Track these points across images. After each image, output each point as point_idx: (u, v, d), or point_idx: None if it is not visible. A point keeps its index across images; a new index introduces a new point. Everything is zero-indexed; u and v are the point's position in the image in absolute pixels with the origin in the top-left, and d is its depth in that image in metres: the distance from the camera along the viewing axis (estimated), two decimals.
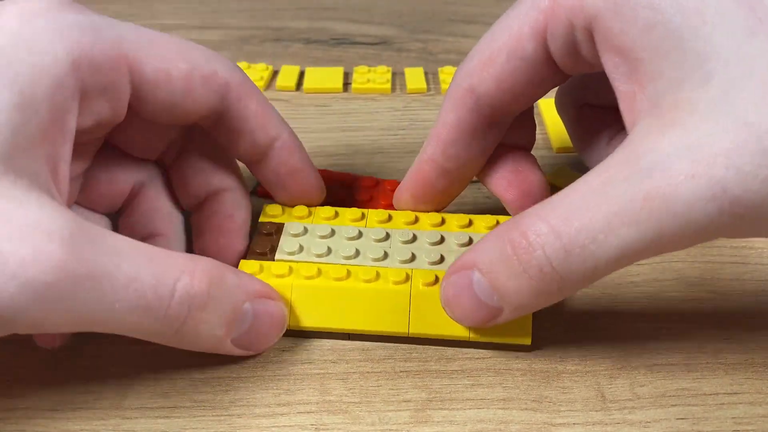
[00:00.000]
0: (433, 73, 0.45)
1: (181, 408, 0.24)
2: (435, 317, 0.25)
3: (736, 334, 0.27)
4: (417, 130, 0.39)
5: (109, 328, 0.22)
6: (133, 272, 0.21)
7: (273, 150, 0.28)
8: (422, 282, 0.26)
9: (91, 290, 0.20)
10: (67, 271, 0.20)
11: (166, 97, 0.25)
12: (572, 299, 0.28)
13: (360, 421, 0.24)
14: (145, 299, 0.21)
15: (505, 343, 0.26)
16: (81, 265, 0.20)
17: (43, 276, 0.19)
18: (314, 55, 0.48)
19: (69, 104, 0.22)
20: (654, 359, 0.26)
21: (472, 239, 0.28)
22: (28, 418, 0.24)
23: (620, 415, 0.24)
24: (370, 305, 0.26)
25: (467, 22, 0.52)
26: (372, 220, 0.29)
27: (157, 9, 0.54)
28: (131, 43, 0.24)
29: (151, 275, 0.21)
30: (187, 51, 0.25)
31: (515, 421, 0.24)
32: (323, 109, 0.42)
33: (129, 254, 0.21)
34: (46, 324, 0.20)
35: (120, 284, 0.21)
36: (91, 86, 0.23)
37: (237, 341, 0.24)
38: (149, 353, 0.26)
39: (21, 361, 0.26)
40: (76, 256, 0.20)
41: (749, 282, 0.29)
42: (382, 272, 0.26)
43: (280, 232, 0.28)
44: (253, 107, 0.27)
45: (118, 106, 0.24)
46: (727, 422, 0.23)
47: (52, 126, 0.22)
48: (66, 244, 0.20)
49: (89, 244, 0.20)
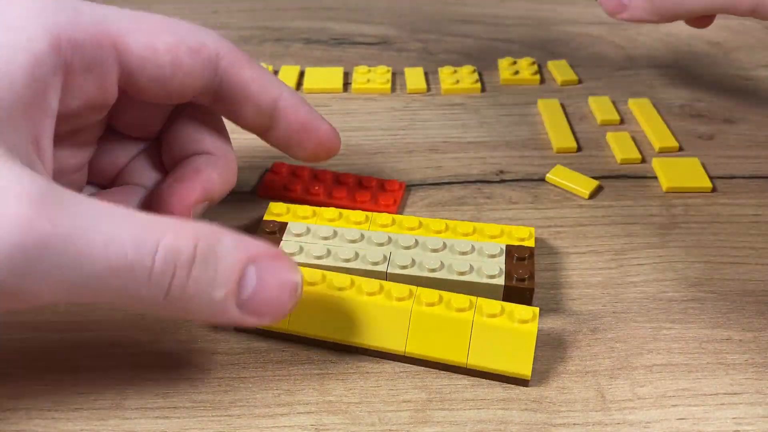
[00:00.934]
0: (433, 73, 0.45)
1: (181, 408, 0.24)
2: (434, 339, 0.25)
3: (736, 334, 0.27)
4: (417, 130, 0.39)
5: (95, 295, 0.20)
6: (111, 232, 0.20)
7: (278, 110, 0.28)
8: (425, 302, 0.25)
9: (65, 252, 0.19)
10: (37, 231, 0.19)
11: (154, 71, 0.25)
12: (572, 299, 0.28)
13: (360, 421, 0.24)
14: (125, 259, 0.20)
15: (503, 374, 0.25)
16: (52, 225, 0.19)
17: (9, 237, 0.18)
18: (314, 55, 0.48)
19: (49, 80, 0.22)
20: (654, 359, 0.26)
21: (475, 247, 0.28)
22: (28, 419, 0.24)
23: (620, 415, 0.24)
24: (369, 319, 0.25)
25: (467, 22, 0.52)
26: (375, 224, 0.29)
27: (157, 9, 0.54)
28: (114, 21, 0.24)
29: (131, 235, 0.20)
30: (171, 25, 0.25)
31: (515, 422, 0.24)
32: (323, 109, 0.41)
33: (106, 215, 0.20)
34: (24, 292, 0.19)
35: (97, 244, 0.19)
36: (75, 64, 0.23)
37: (244, 306, 0.22)
38: (149, 353, 0.26)
39: (21, 361, 0.26)
40: (46, 215, 0.19)
41: (749, 282, 0.29)
42: (385, 286, 0.26)
43: (283, 231, 0.29)
44: (248, 72, 0.27)
45: (106, 85, 0.24)
46: (727, 422, 0.23)
47: (31, 102, 0.21)
48: (35, 204, 0.19)
49: (61, 205, 0.19)
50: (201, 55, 0.25)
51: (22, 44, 0.21)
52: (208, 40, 0.26)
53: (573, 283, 0.29)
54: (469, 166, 0.36)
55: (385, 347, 0.25)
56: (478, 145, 0.38)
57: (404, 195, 0.34)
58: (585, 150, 0.37)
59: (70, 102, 0.23)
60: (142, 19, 0.25)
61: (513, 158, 0.37)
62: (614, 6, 0.35)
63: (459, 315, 0.25)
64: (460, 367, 0.25)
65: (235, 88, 0.27)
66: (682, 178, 0.35)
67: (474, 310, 0.25)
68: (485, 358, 0.24)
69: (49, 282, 0.19)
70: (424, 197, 0.34)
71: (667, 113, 0.40)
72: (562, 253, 0.31)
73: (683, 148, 0.38)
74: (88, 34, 0.23)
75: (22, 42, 0.21)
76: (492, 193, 0.34)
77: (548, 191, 0.34)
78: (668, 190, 0.34)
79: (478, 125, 0.40)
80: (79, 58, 0.23)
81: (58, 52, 0.22)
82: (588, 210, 0.33)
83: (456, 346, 0.25)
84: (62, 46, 0.22)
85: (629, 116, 0.40)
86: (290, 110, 0.28)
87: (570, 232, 0.32)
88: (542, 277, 0.29)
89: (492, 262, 0.27)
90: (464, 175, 0.36)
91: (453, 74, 0.44)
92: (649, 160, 0.36)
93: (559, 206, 0.33)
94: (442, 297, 0.25)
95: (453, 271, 0.27)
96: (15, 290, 0.19)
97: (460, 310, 0.25)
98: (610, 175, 0.36)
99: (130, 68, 0.24)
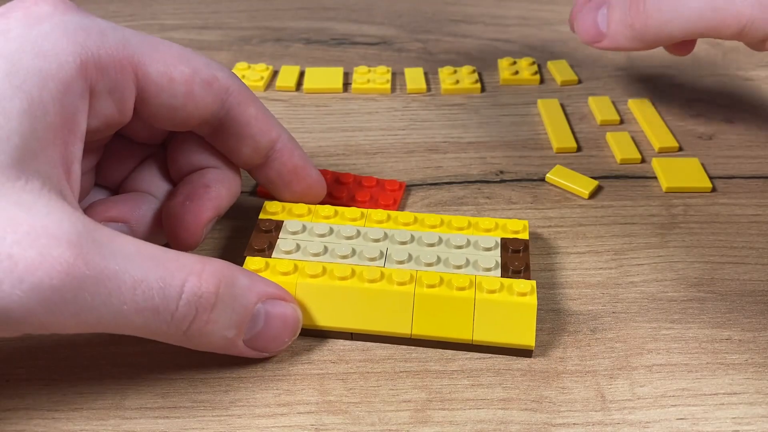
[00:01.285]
0: (433, 73, 0.45)
1: (181, 408, 0.24)
2: (438, 319, 0.26)
3: (736, 334, 0.27)
4: (417, 130, 0.39)
5: (118, 329, 0.22)
6: (140, 275, 0.21)
7: (274, 152, 0.29)
8: (426, 284, 0.26)
9: (97, 293, 0.20)
10: (74, 275, 0.20)
11: (168, 100, 0.25)
12: (572, 299, 0.28)
13: (360, 421, 0.24)
14: (152, 301, 0.21)
15: (508, 346, 0.26)
16: (87, 269, 0.20)
17: (49, 280, 0.19)
18: (314, 55, 0.48)
19: (78, 105, 0.23)
20: (654, 359, 0.26)
21: (470, 241, 0.28)
22: (28, 418, 0.24)
23: (620, 415, 0.24)
24: (374, 305, 0.26)
25: (467, 22, 0.52)
26: (371, 220, 0.29)
27: (157, 9, 0.54)
28: (135, 46, 0.24)
29: (158, 277, 0.21)
30: (188, 56, 0.26)
31: (515, 422, 0.24)
32: (323, 109, 0.41)
33: (136, 257, 0.21)
34: (55, 325, 0.21)
35: (127, 287, 0.21)
36: (99, 87, 0.23)
37: (249, 343, 0.24)
38: (149, 353, 0.26)
39: (21, 361, 0.26)
40: (82, 259, 0.20)
41: (749, 282, 0.29)
42: (385, 272, 0.26)
43: (279, 230, 0.29)
44: (252, 111, 0.28)
45: (125, 107, 0.25)
46: (727, 422, 0.23)
47: (62, 128, 0.22)
48: (73, 247, 0.20)
49: (96, 247, 0.21)
50: (212, 88, 0.26)
51: (53, 71, 0.22)
52: (221, 74, 0.27)
53: (573, 283, 0.29)
54: (469, 166, 0.36)
55: (391, 332, 0.26)
56: (478, 145, 0.38)
57: (404, 195, 0.34)
58: (585, 150, 0.37)
59: (91, 122, 0.24)
60: (161, 47, 0.25)
61: (513, 158, 0.37)
62: (592, 35, 0.34)
63: (461, 294, 0.26)
64: (466, 344, 0.26)
65: (237, 125, 0.27)
66: (682, 178, 0.35)
67: (475, 288, 0.26)
68: (490, 332, 0.25)
69: (78, 318, 0.21)
70: (424, 197, 0.34)
71: (666, 113, 0.40)
72: (561, 253, 0.31)
73: (683, 148, 0.38)
74: (112, 58, 0.24)
75: (53, 69, 0.22)
76: (492, 193, 0.34)
77: (548, 191, 0.34)
78: (668, 190, 0.34)
79: (478, 125, 0.40)
80: (103, 81, 0.23)
81: (85, 76, 0.23)
82: (588, 210, 0.33)
83: (460, 324, 0.25)
84: (89, 71, 0.23)
85: (629, 116, 0.40)
86: (285, 153, 0.29)
87: (570, 232, 0.32)
88: (542, 277, 0.29)
89: (488, 255, 0.27)
90: (464, 175, 0.36)
91: (453, 74, 0.44)
92: (648, 160, 0.36)
93: (559, 206, 0.33)
94: (443, 278, 0.26)
95: (450, 264, 0.27)
96: (45, 323, 0.20)
97: (461, 288, 0.26)
98: (609, 175, 0.36)
99: (146, 94, 0.25)
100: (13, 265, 0.19)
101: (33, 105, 0.21)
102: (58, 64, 0.22)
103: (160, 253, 0.22)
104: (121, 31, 0.24)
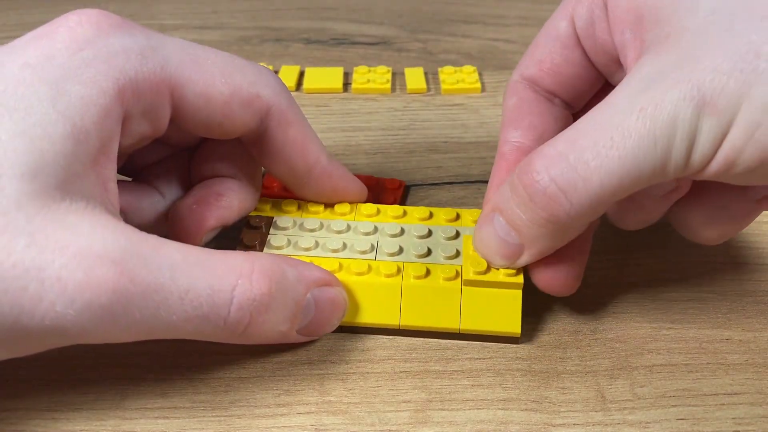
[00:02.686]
0: (433, 73, 0.45)
1: (180, 408, 0.24)
2: (425, 309, 0.26)
3: (736, 334, 0.27)
4: (417, 130, 0.39)
5: (172, 336, 0.22)
6: (186, 284, 0.21)
7: (311, 175, 0.28)
8: (413, 275, 0.26)
9: (145, 307, 0.21)
10: (121, 292, 0.20)
11: (205, 118, 0.25)
12: (572, 299, 0.28)
13: (360, 421, 0.24)
14: (201, 310, 0.22)
15: (494, 334, 0.26)
16: (134, 285, 0.21)
17: (98, 299, 0.20)
18: (314, 55, 0.48)
19: (114, 130, 0.23)
20: (654, 359, 0.26)
21: (459, 233, 0.28)
22: (28, 419, 0.24)
23: (620, 415, 0.24)
24: (362, 298, 0.26)
25: (467, 22, 0.52)
26: (361, 214, 0.29)
27: (157, 9, 0.54)
28: (175, 66, 0.24)
29: (206, 285, 0.22)
30: (231, 72, 0.26)
31: (515, 422, 0.24)
32: (323, 109, 0.42)
33: (182, 265, 0.22)
34: (108, 337, 0.21)
35: (175, 298, 0.21)
36: (134, 111, 0.24)
37: (302, 331, 0.25)
38: (149, 353, 0.26)
39: (21, 361, 0.26)
40: (127, 276, 0.20)
41: (749, 282, 0.29)
42: (373, 265, 0.27)
43: (269, 226, 0.29)
44: (292, 134, 0.27)
45: (159, 125, 0.25)
46: (727, 422, 0.23)
47: (101, 151, 0.22)
48: (117, 264, 0.20)
49: (141, 261, 0.21)
50: (252, 107, 0.26)
51: (94, 98, 0.22)
52: (264, 91, 0.26)
53: None
54: (469, 166, 0.36)
55: (380, 323, 0.26)
56: (478, 145, 0.38)
57: (405, 195, 0.34)
58: None
59: (124, 141, 0.24)
60: (202, 61, 0.25)
61: None
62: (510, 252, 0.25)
63: (447, 284, 0.26)
64: (454, 333, 0.26)
65: (274, 145, 0.27)
66: None
67: (461, 278, 0.26)
68: (476, 321, 0.26)
69: (130, 331, 0.21)
70: (424, 197, 0.34)
71: None
72: None
73: None
74: (149, 83, 0.24)
75: (94, 96, 0.22)
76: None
77: None
78: None
79: (478, 125, 0.40)
80: (138, 105, 0.24)
81: (122, 102, 0.23)
82: None
83: (448, 314, 0.26)
84: (125, 96, 0.23)
85: None
86: (324, 178, 0.29)
87: None
88: None
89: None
90: (464, 175, 0.36)
91: (453, 74, 0.44)
92: None
93: None
94: (429, 270, 0.26)
95: (440, 256, 0.27)
96: (100, 337, 0.21)
97: (447, 279, 0.26)
98: None
99: (182, 112, 0.25)
100: (63, 287, 0.20)
101: (76, 130, 0.21)
102: (98, 91, 0.22)
103: (206, 256, 0.22)
104: (162, 49, 0.24)
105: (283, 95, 0.27)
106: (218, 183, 0.28)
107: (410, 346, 0.26)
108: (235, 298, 0.22)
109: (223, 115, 0.26)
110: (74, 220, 0.21)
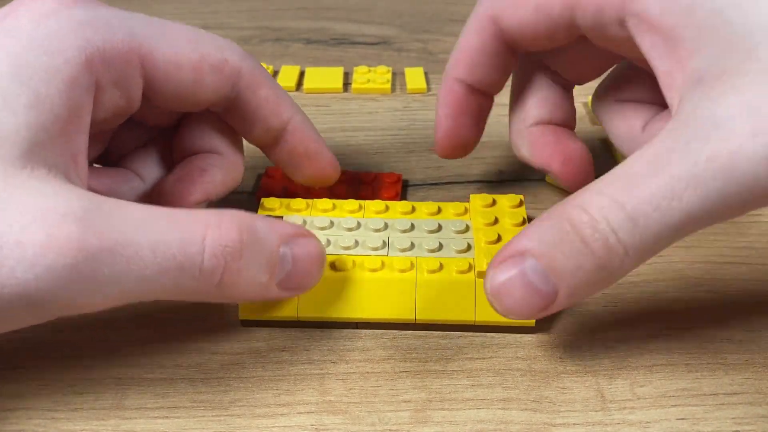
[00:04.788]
0: (433, 73, 0.45)
1: (180, 408, 0.24)
2: (440, 303, 0.26)
3: (736, 334, 0.27)
4: (417, 130, 0.39)
5: (148, 295, 0.21)
6: (156, 236, 0.21)
7: (286, 133, 0.29)
8: (427, 269, 0.26)
9: (115, 263, 0.20)
10: (86, 249, 0.20)
11: (176, 86, 0.26)
12: None
13: (360, 421, 0.24)
14: (174, 260, 0.21)
15: (510, 324, 0.26)
16: (99, 240, 0.20)
17: (63, 259, 0.19)
18: (314, 55, 0.48)
19: (83, 100, 0.23)
20: (654, 359, 0.26)
21: (469, 226, 0.28)
22: (28, 418, 0.24)
23: (620, 415, 0.24)
24: (377, 294, 0.26)
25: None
26: (370, 211, 0.29)
27: (157, 9, 0.54)
28: (142, 36, 0.24)
29: (175, 236, 0.21)
30: (197, 40, 0.26)
31: (515, 422, 0.24)
32: (323, 109, 0.42)
33: (149, 220, 0.21)
34: (81, 303, 0.20)
35: (145, 251, 0.21)
36: (105, 81, 0.24)
37: (282, 284, 0.24)
38: (149, 353, 0.26)
39: (20, 360, 0.26)
40: (92, 231, 0.20)
41: (749, 282, 0.29)
42: (386, 261, 0.27)
43: None
44: (263, 93, 0.28)
45: (132, 97, 0.25)
46: (727, 422, 0.23)
47: (68, 121, 0.22)
48: (80, 221, 0.20)
49: (105, 217, 0.20)
50: (222, 73, 0.26)
51: (59, 67, 0.22)
52: (231, 57, 0.27)
53: None
54: (469, 166, 0.36)
55: (395, 318, 0.26)
56: (478, 145, 0.38)
57: (405, 195, 0.34)
58: None
59: (98, 114, 0.24)
60: (168, 31, 0.25)
61: (513, 158, 0.37)
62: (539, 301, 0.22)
63: (461, 277, 0.26)
64: (470, 325, 0.26)
65: (248, 107, 0.27)
66: None
67: (474, 271, 0.26)
68: (492, 313, 0.25)
69: (103, 291, 0.20)
70: (424, 197, 0.34)
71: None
72: None
73: None
74: (118, 51, 0.24)
75: (59, 65, 0.22)
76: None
77: (548, 192, 0.34)
78: None
79: None
80: (108, 75, 0.24)
81: (91, 71, 0.23)
82: None
83: (463, 307, 0.26)
84: (94, 65, 0.23)
85: None
86: (297, 136, 0.29)
87: None
88: None
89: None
90: (464, 175, 0.36)
91: None
92: None
93: None
94: (442, 264, 0.27)
95: (452, 249, 0.27)
96: (69, 302, 0.20)
97: (461, 272, 0.26)
98: None
99: (154, 82, 0.25)
100: (23, 250, 0.19)
101: (39, 100, 0.21)
102: (64, 60, 0.22)
103: (173, 212, 0.22)
104: (127, 21, 0.24)
105: (249, 59, 0.27)
106: (201, 158, 0.28)
107: (410, 346, 0.26)
108: (207, 246, 0.22)
109: (194, 81, 0.26)
110: (36, 185, 0.20)
